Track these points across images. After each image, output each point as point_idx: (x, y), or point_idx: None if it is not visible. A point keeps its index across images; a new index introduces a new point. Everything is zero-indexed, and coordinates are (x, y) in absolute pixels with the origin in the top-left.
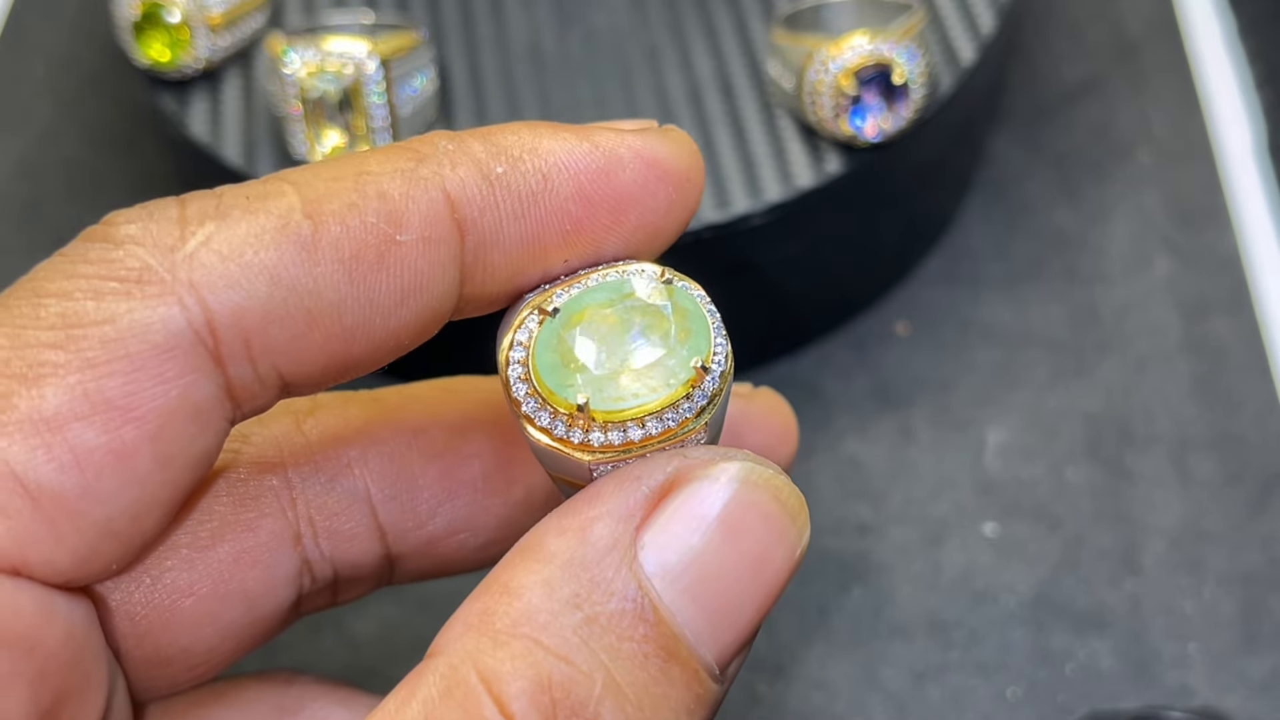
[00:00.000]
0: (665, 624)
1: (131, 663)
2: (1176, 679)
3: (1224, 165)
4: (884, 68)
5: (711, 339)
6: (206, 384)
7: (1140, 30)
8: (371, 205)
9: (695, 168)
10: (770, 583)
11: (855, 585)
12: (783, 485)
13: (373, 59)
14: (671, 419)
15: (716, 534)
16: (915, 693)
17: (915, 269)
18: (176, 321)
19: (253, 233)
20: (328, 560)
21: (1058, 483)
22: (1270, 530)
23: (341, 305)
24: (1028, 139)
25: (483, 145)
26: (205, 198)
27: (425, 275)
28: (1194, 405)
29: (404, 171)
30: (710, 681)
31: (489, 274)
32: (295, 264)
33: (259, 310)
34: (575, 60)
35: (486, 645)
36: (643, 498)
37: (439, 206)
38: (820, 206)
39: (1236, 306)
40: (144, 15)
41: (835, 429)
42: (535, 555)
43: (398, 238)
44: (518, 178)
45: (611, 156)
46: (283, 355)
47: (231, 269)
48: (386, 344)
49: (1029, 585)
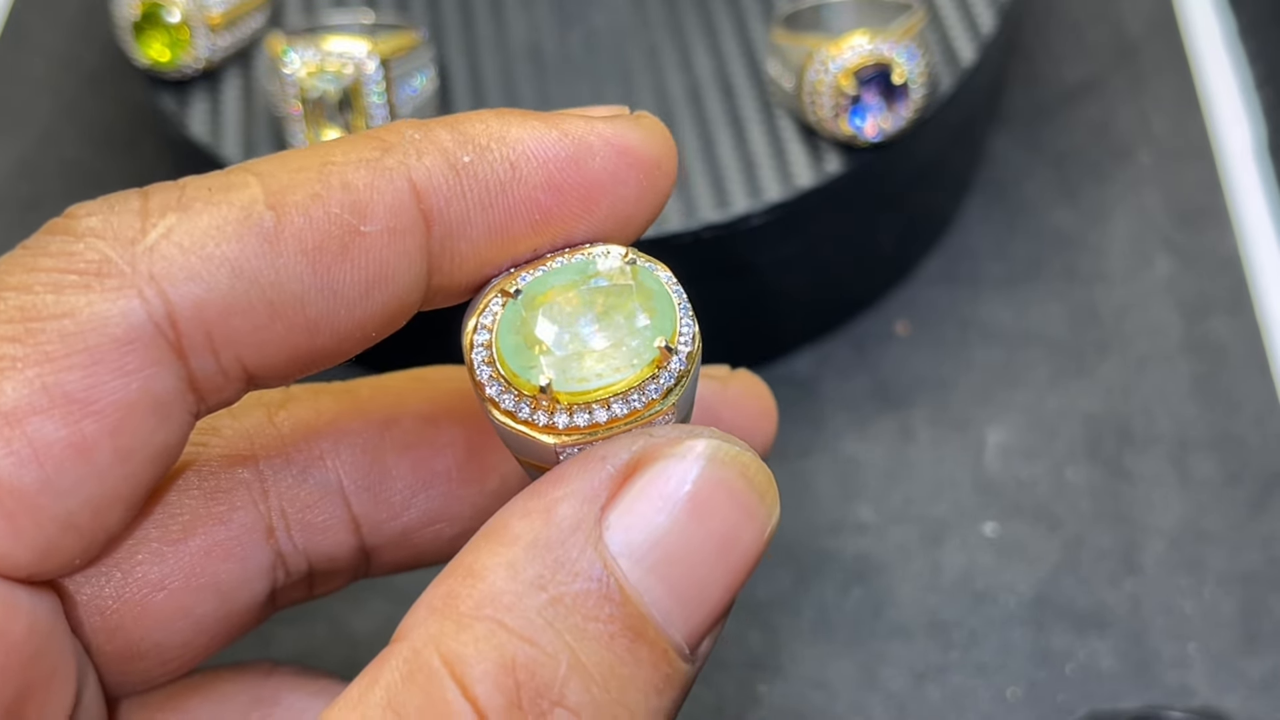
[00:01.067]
0: (632, 604)
1: (103, 658)
2: (1176, 679)
3: (1224, 165)
4: (884, 67)
5: (678, 319)
6: (167, 377)
7: (1140, 30)
8: (335, 196)
9: (667, 155)
10: (739, 561)
11: (855, 585)
12: (750, 462)
13: (372, 59)
14: (637, 400)
15: (683, 512)
16: (915, 693)
17: (915, 269)
18: (136, 314)
19: (214, 224)
20: (301, 553)
21: (1058, 483)
22: (1270, 530)
23: (305, 297)
24: (1028, 139)
25: (450, 134)
26: (168, 189)
27: (390, 266)
28: (1194, 405)
29: (369, 161)
30: (680, 661)
31: (457, 264)
32: (257, 256)
33: (220, 302)
34: (575, 60)
35: (450, 629)
36: (608, 477)
37: (404, 196)
38: (820, 206)
39: (1236, 306)
40: (144, 15)
41: (835, 429)
42: (499, 538)
43: (362, 228)
44: (485, 167)
45: (581, 144)
46: (246, 347)
47: (192, 261)
48: (352, 335)
49: (1029, 585)
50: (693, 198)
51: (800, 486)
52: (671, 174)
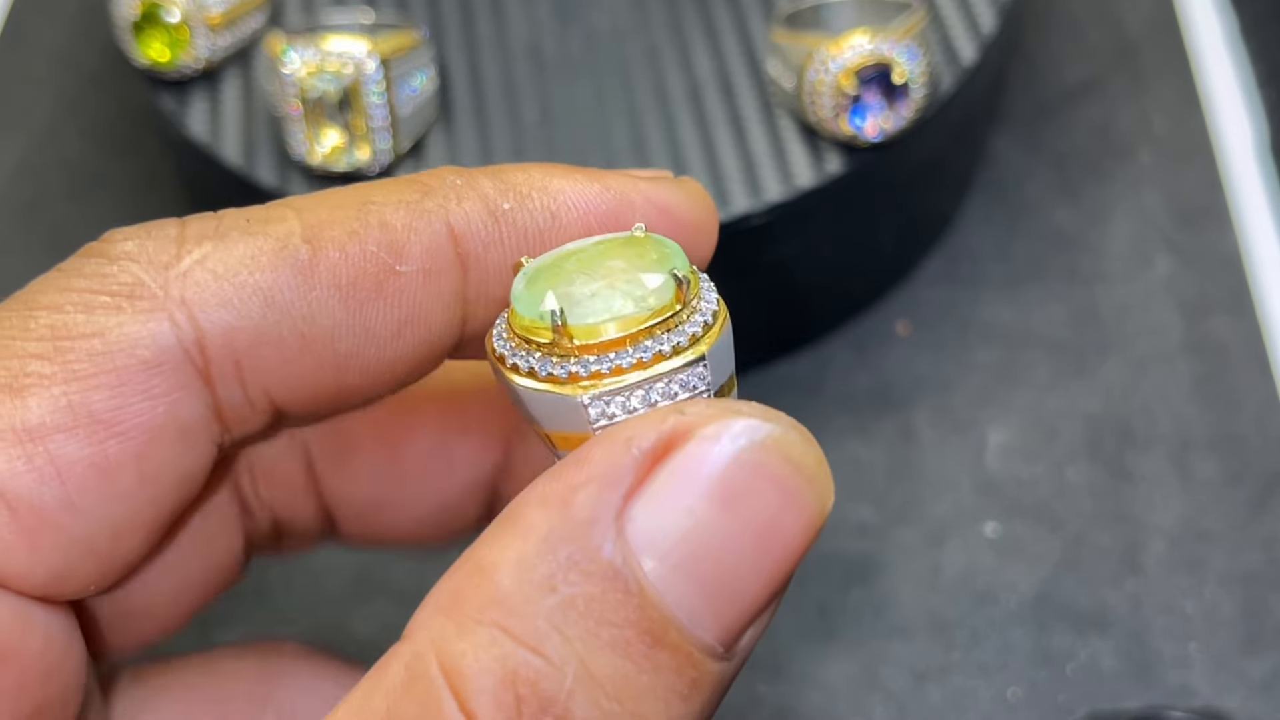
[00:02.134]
0: (652, 606)
1: (101, 622)
2: (1177, 679)
3: (1224, 165)
4: (884, 67)
5: (692, 270)
6: (194, 403)
7: (1140, 30)
8: (373, 234)
9: (707, 218)
10: (781, 553)
11: (855, 585)
12: (795, 441)
13: (372, 58)
14: (665, 344)
15: (715, 501)
16: (916, 693)
17: (915, 269)
18: (166, 337)
19: (249, 254)
20: (266, 505)
21: (1058, 483)
22: (1271, 530)
23: (336, 332)
24: (1028, 139)
25: (491, 182)
26: (206, 219)
27: (424, 308)
28: (1194, 405)
29: (408, 203)
30: (709, 662)
31: (493, 310)
32: (290, 287)
33: (251, 331)
34: (575, 60)
35: (451, 632)
36: (633, 461)
37: (441, 239)
38: (820, 206)
39: (1237, 306)
40: (143, 15)
41: (836, 429)
42: (514, 528)
43: (398, 268)
44: (525, 214)
45: (622, 199)
46: (274, 378)
47: (225, 288)
48: (382, 376)
49: (1030, 585)
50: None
51: None
52: (712, 238)
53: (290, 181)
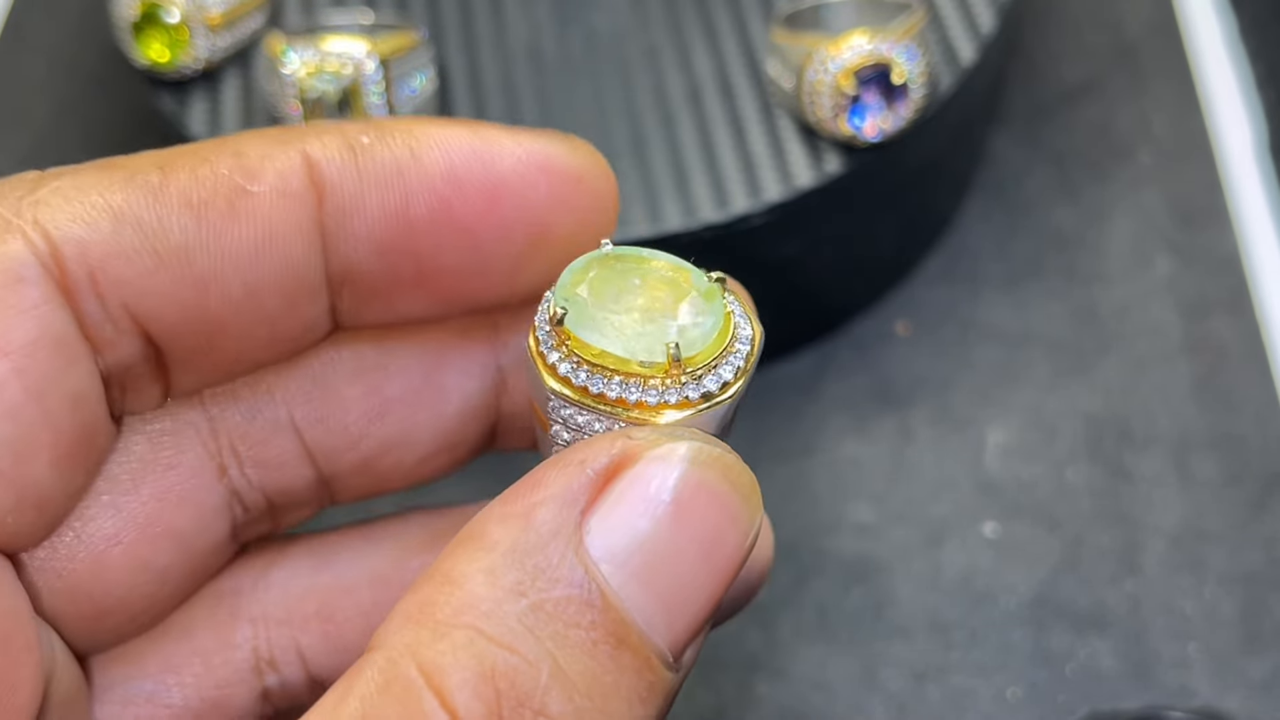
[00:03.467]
0: (614, 610)
1: (67, 621)
2: (1177, 679)
3: (1224, 165)
4: (883, 67)
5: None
6: (62, 315)
7: (1140, 30)
8: (225, 160)
9: (590, 170)
10: (723, 566)
11: (855, 585)
12: (733, 464)
13: (372, 59)
14: (652, 396)
15: (666, 516)
16: (915, 693)
17: (915, 269)
18: (23, 254)
19: (100, 179)
20: (257, 489)
21: (1058, 483)
22: (1270, 530)
23: (190, 248)
24: (1028, 139)
25: (359, 124)
26: (66, 167)
27: (279, 229)
28: (1194, 405)
29: (267, 137)
30: (663, 669)
31: (352, 245)
32: (141, 205)
33: (102, 245)
34: (575, 60)
35: (426, 637)
36: (587, 481)
37: (295, 163)
38: (820, 206)
39: (1236, 306)
40: (143, 15)
41: (835, 429)
42: (477, 543)
43: (249, 188)
44: (384, 148)
45: (490, 142)
46: (131, 292)
47: (75, 208)
48: (250, 307)
49: (1029, 585)
50: (692, 198)
51: (801, 486)
52: (599, 191)
53: None
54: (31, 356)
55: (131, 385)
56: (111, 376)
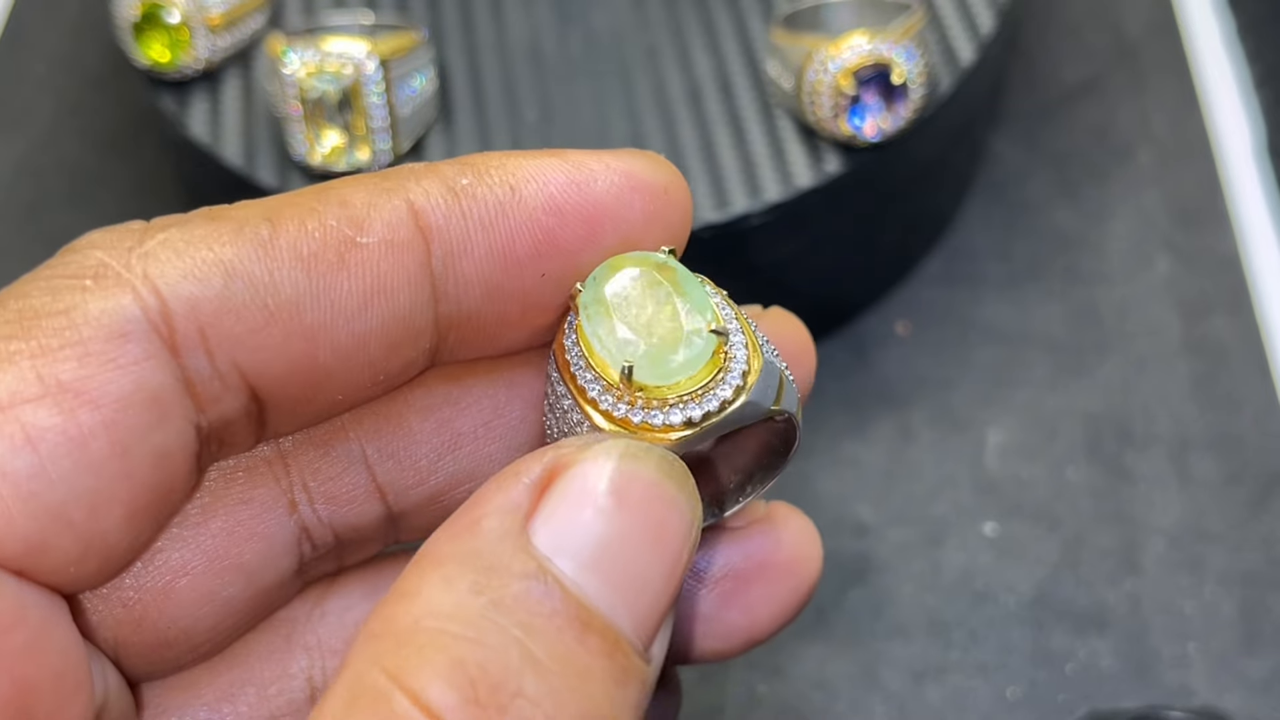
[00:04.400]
0: (574, 597)
1: (130, 650)
2: (1176, 679)
3: (1224, 165)
4: (883, 68)
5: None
6: (162, 372)
7: (1140, 30)
8: (332, 210)
9: (673, 183)
10: (672, 550)
11: (855, 585)
12: (664, 455)
13: (372, 59)
14: (707, 405)
15: (608, 506)
16: (915, 693)
17: (915, 269)
18: (130, 309)
19: (210, 233)
20: (327, 525)
21: (1058, 483)
22: (1270, 530)
23: (300, 302)
24: (1028, 139)
25: (450, 164)
26: (172, 216)
27: (388, 279)
28: (1194, 405)
29: (368, 184)
30: (634, 656)
31: (462, 288)
32: (251, 259)
33: (214, 301)
34: (575, 60)
35: (390, 645)
36: (525, 489)
37: (401, 212)
38: (820, 206)
39: (1236, 306)
40: (144, 16)
41: (835, 429)
42: (428, 560)
43: (358, 239)
44: (484, 188)
45: (583, 168)
46: (241, 349)
47: (186, 262)
48: (356, 355)
49: (1029, 585)
50: (693, 197)
51: (800, 486)
52: (681, 202)
53: (290, 182)
54: (123, 411)
55: (229, 437)
56: (211, 431)
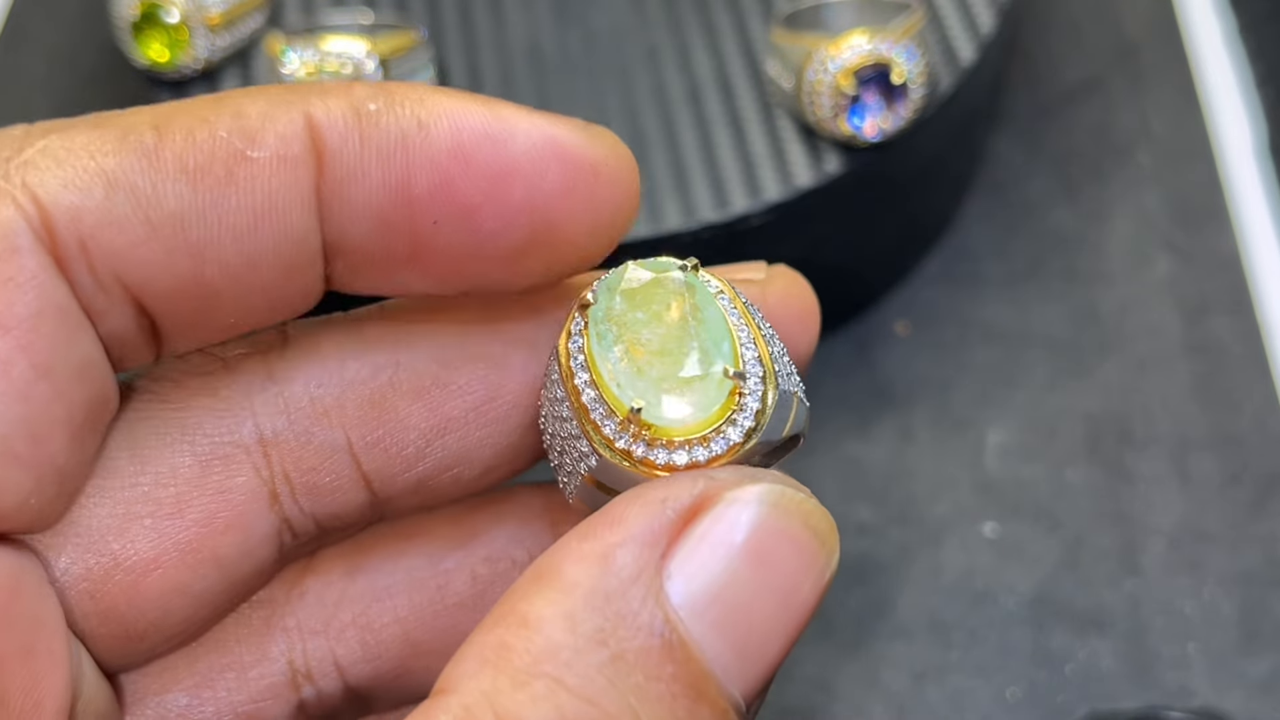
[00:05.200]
0: (695, 661)
1: (99, 642)
2: (1176, 679)
3: (1224, 165)
4: (883, 67)
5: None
6: (61, 285)
7: (1140, 30)
8: (224, 121)
9: (609, 162)
10: (799, 613)
11: (855, 585)
12: (813, 509)
13: (371, 59)
14: (718, 446)
15: (745, 563)
16: (915, 693)
17: (915, 269)
18: (15, 221)
19: (92, 140)
20: (309, 516)
21: (1058, 483)
22: (1270, 530)
23: (185, 216)
24: (1028, 139)
25: (368, 87)
26: (55, 120)
27: (278, 198)
28: (1194, 405)
29: (269, 95)
30: (735, 717)
31: (350, 216)
32: (134, 170)
33: (94, 211)
34: (575, 60)
35: (505, 685)
36: (668, 522)
37: (297, 127)
38: (820, 206)
39: (1236, 306)
40: (143, 15)
41: (835, 429)
42: (554, 584)
43: (249, 153)
44: (391, 117)
45: (503, 122)
46: (124, 263)
47: (66, 171)
48: (248, 277)
49: (1029, 585)
50: (692, 198)
51: None
52: (615, 183)
53: None
54: (35, 331)
55: (124, 352)
56: (106, 345)
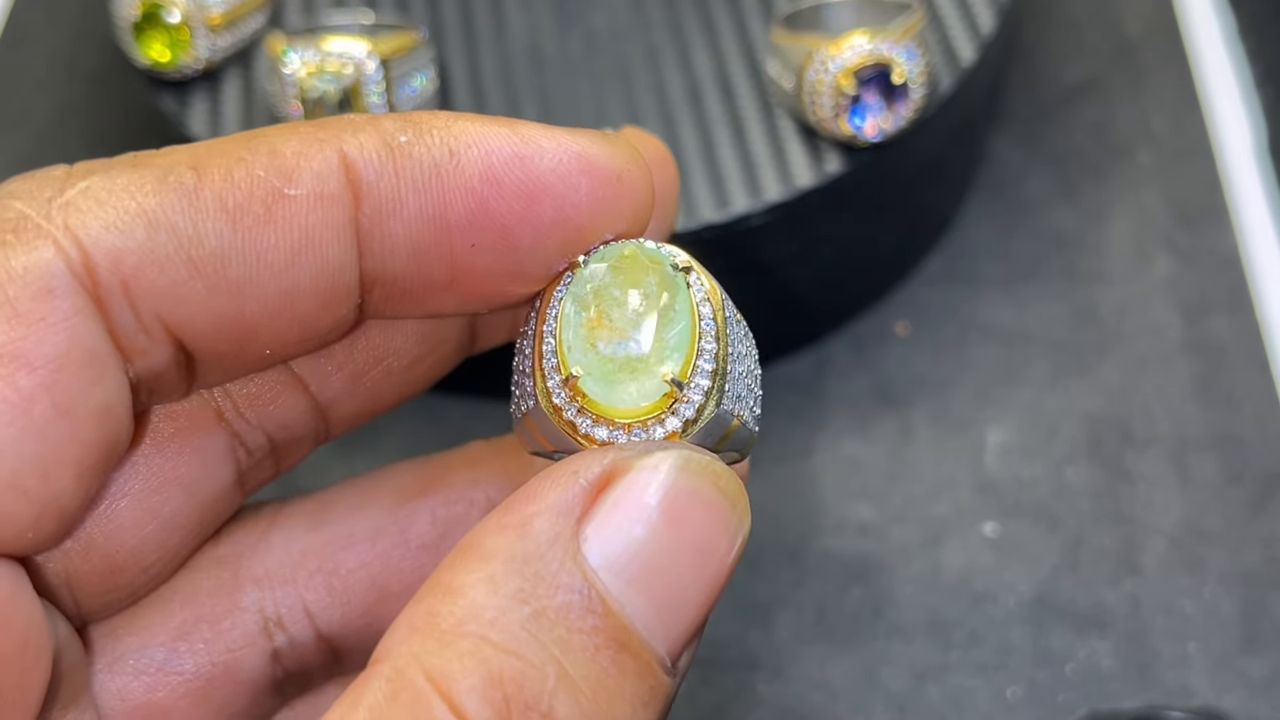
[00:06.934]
0: (615, 615)
1: (83, 580)
2: (1176, 679)
3: (1224, 165)
4: (884, 67)
5: (693, 350)
6: (93, 328)
7: (1140, 30)
8: (261, 160)
9: (631, 170)
10: (716, 571)
11: (855, 585)
12: (721, 472)
13: (372, 59)
14: (666, 429)
15: (659, 523)
16: (915, 693)
17: (915, 269)
18: (54, 264)
19: (132, 181)
20: (256, 427)
21: (1058, 483)
22: (1270, 530)
23: (225, 255)
24: (1028, 139)
25: (394, 120)
26: (94, 161)
27: (316, 233)
28: (1194, 405)
29: (301, 133)
30: (663, 674)
31: (388, 248)
32: (175, 210)
33: (137, 253)
34: (575, 60)
35: (432, 646)
36: (581, 491)
37: (332, 164)
38: (820, 206)
39: (1236, 306)
40: (144, 15)
41: (835, 429)
42: (476, 554)
43: (286, 191)
44: (422, 148)
45: (530, 143)
46: (165, 302)
47: (108, 213)
48: (283, 311)
49: (1029, 585)
50: (692, 198)
51: (801, 486)
52: (637, 190)
53: None
54: (61, 371)
55: (158, 387)
56: (140, 382)
